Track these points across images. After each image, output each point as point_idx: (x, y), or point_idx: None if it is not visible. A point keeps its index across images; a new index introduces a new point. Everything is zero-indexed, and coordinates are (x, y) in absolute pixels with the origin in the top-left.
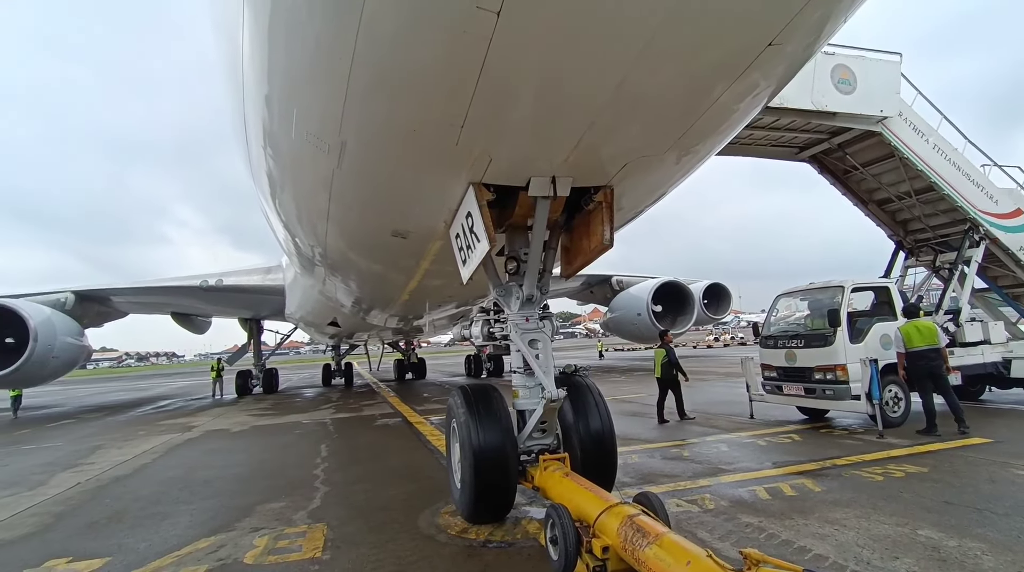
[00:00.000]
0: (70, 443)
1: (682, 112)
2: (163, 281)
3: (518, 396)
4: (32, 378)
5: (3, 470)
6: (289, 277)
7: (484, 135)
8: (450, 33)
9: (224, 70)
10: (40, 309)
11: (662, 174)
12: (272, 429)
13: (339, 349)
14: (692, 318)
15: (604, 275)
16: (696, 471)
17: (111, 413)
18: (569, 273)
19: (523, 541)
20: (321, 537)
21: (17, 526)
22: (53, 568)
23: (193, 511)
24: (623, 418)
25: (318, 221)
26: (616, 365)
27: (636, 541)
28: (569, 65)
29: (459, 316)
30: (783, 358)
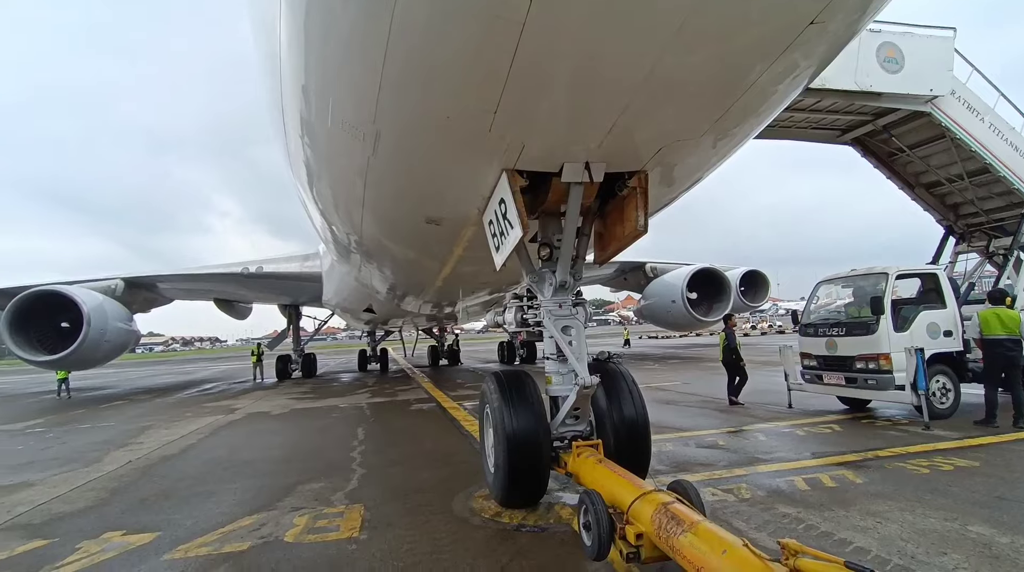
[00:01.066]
0: (122, 423)
1: (719, 95)
2: (206, 268)
3: (551, 382)
4: (86, 361)
5: (63, 447)
6: (326, 264)
7: (517, 121)
8: (483, 18)
9: (263, 62)
10: (93, 295)
11: (698, 158)
12: (311, 412)
13: (374, 335)
14: (728, 306)
15: (638, 262)
16: (732, 460)
17: (159, 395)
18: (602, 259)
19: (556, 526)
20: (358, 517)
21: (76, 500)
22: (109, 539)
23: (236, 490)
24: (657, 406)
25: (353, 209)
26: (650, 353)
27: (670, 529)
28: (602, 48)
29: (492, 303)
30: (823, 347)
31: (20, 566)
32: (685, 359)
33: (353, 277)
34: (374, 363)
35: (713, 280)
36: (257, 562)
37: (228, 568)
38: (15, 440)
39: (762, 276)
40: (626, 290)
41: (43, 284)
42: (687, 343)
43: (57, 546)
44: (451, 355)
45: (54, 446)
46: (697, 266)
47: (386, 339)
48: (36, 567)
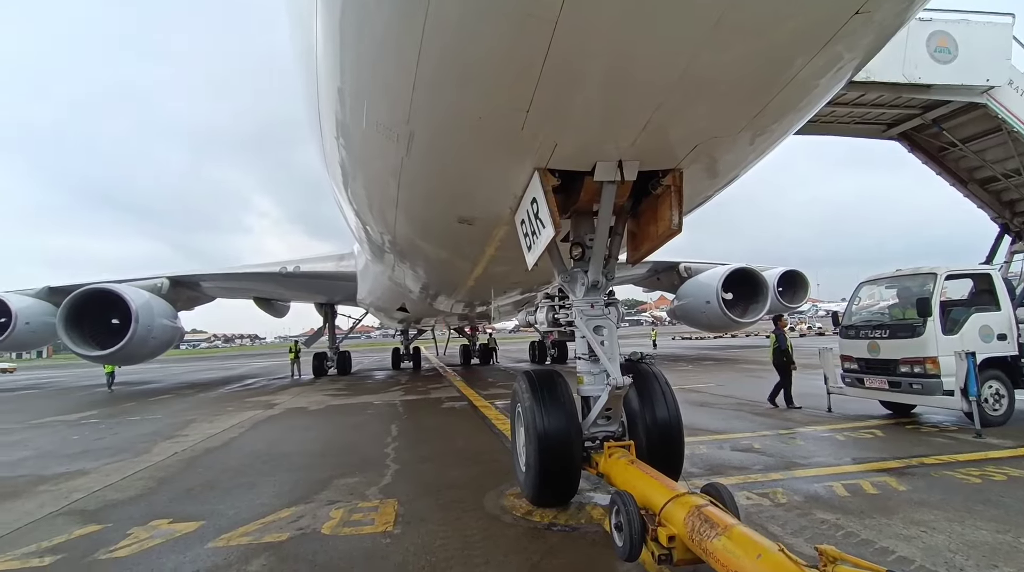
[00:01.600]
0: (168, 416)
1: (757, 90)
2: (246, 267)
3: (583, 382)
4: (134, 356)
5: (115, 437)
6: (360, 264)
7: (549, 120)
8: (515, 17)
9: (300, 66)
10: (140, 293)
11: (734, 156)
12: (346, 408)
13: (407, 334)
14: (765, 307)
15: (671, 261)
16: (768, 464)
17: (203, 390)
18: (635, 259)
19: (587, 526)
20: (392, 512)
21: (127, 488)
22: (157, 527)
23: (275, 482)
24: (691, 408)
25: (387, 209)
26: (683, 354)
27: (704, 532)
28: (636, 44)
29: (524, 302)
30: (865, 349)
31: (77, 549)
32: (720, 361)
33: (387, 276)
34: (407, 361)
35: (749, 280)
36: (295, 553)
37: (268, 558)
38: (71, 430)
39: (801, 276)
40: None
41: (94, 282)
42: (722, 344)
43: (110, 531)
44: (483, 354)
45: (106, 437)
46: (733, 266)
47: (419, 338)
48: (91, 550)
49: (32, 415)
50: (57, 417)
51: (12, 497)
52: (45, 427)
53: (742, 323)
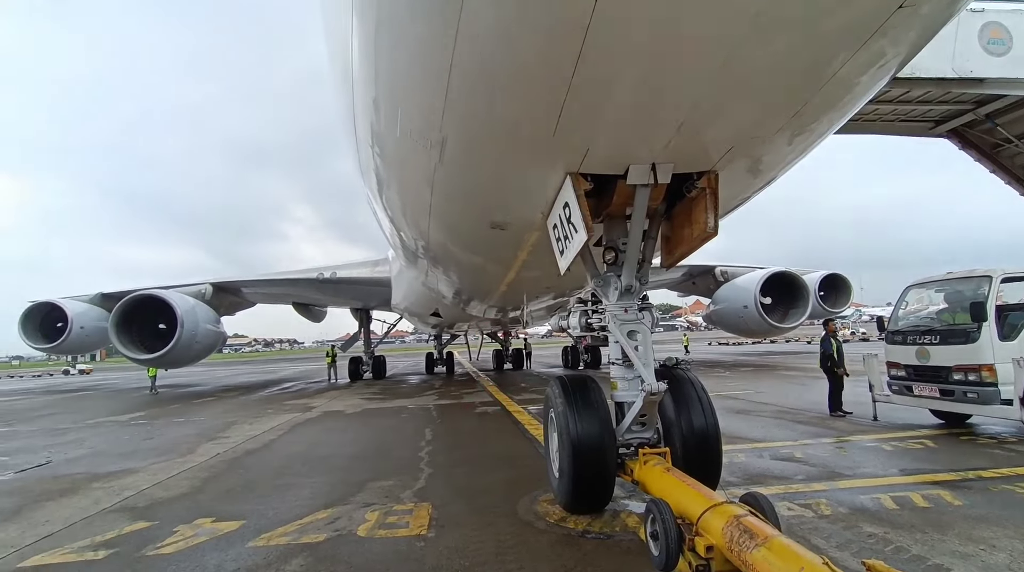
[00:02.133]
0: (211, 418)
1: (795, 89)
2: (285, 273)
3: (616, 388)
4: (180, 359)
5: (161, 438)
6: (395, 270)
7: (581, 124)
8: (546, 23)
9: (336, 77)
10: (185, 299)
11: (772, 157)
12: (381, 412)
13: (441, 339)
14: (806, 311)
15: (707, 265)
16: (810, 474)
17: (244, 393)
18: (670, 263)
19: (622, 534)
20: (426, 516)
21: (173, 487)
22: (201, 525)
23: (313, 484)
24: (728, 415)
25: (421, 215)
26: (720, 359)
27: (743, 542)
28: (670, 44)
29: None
30: (914, 356)
31: (128, 544)
32: (758, 367)
33: (420, 282)
34: (440, 366)
35: (789, 284)
36: (332, 554)
37: (306, 558)
38: (122, 430)
39: (843, 280)
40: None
41: (143, 289)
42: (761, 350)
43: (157, 528)
44: (516, 359)
45: (154, 437)
46: (772, 269)
47: (452, 343)
48: (141, 546)
49: (87, 415)
50: (109, 417)
51: (71, 493)
52: (98, 427)
53: (781, 328)
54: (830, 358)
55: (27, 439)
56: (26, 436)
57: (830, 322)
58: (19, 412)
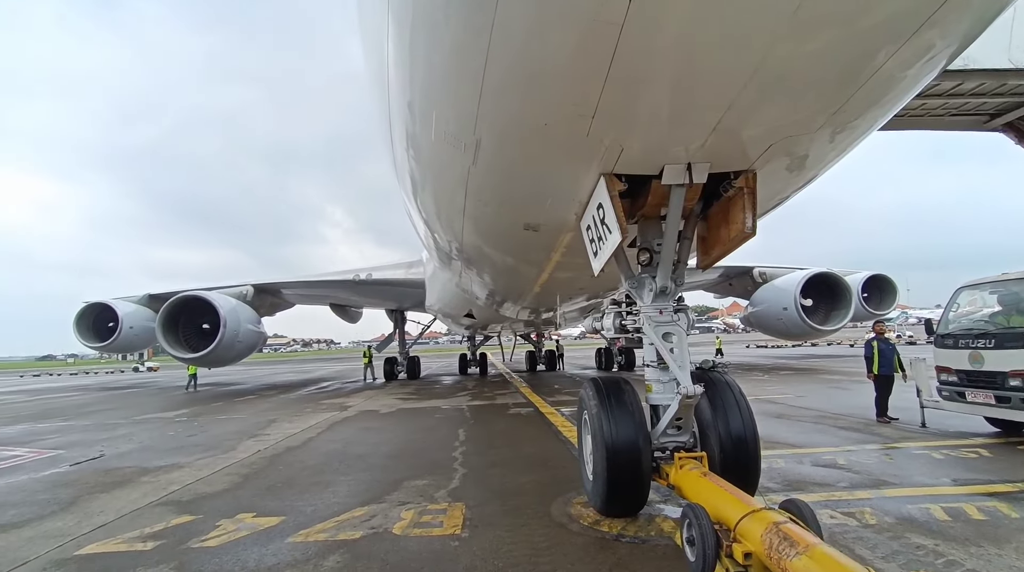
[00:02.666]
0: (252, 416)
1: (838, 84)
2: (322, 275)
3: (651, 390)
4: (222, 359)
5: (204, 435)
6: (429, 271)
7: (615, 124)
8: (580, 22)
9: (372, 81)
10: (228, 300)
11: (813, 155)
12: (416, 412)
13: (474, 340)
14: (848, 314)
15: (745, 266)
16: (854, 481)
17: (283, 391)
18: (706, 264)
19: (657, 538)
20: (460, 516)
21: (215, 482)
22: (242, 520)
23: (350, 482)
24: (766, 419)
25: (455, 217)
26: (758, 362)
27: (783, 550)
28: (706, 41)
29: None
30: (966, 360)
31: (174, 536)
32: (799, 370)
33: (454, 283)
34: (474, 367)
35: (831, 285)
36: (368, 551)
37: (343, 555)
38: (168, 427)
39: (888, 281)
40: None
41: (187, 290)
42: (801, 353)
43: (201, 522)
44: (549, 360)
45: (198, 434)
46: (813, 270)
47: (485, 344)
48: (186, 539)
49: (135, 412)
50: (156, 414)
51: (121, 486)
52: (146, 423)
53: (823, 331)
54: (868, 360)
55: (81, 433)
56: (80, 430)
57: (878, 324)
58: (74, 407)
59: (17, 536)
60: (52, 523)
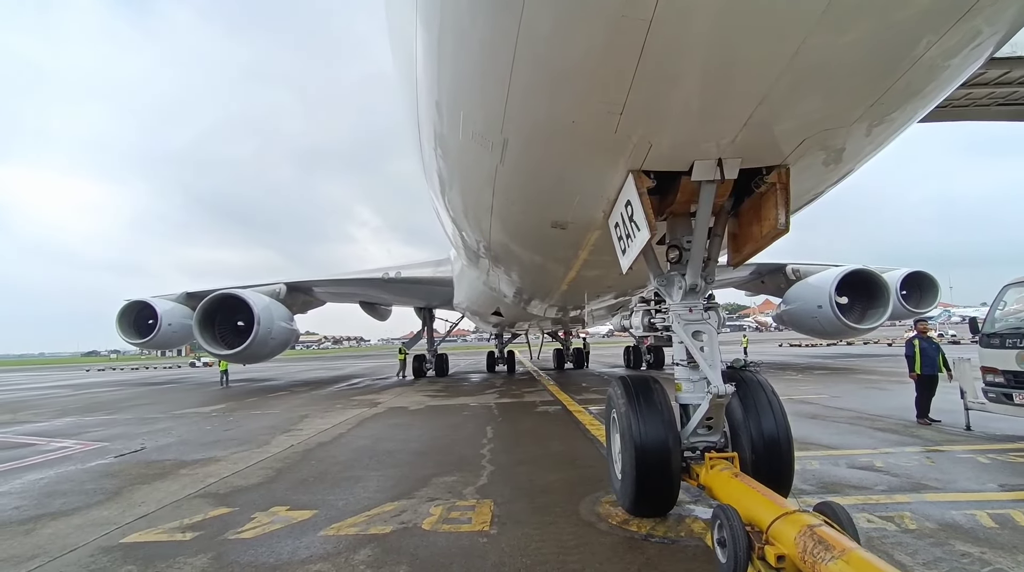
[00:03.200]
0: (285, 411)
1: (875, 75)
2: (352, 274)
3: (681, 389)
4: (256, 355)
5: (240, 429)
6: (457, 269)
7: (643, 120)
8: (607, 20)
9: (400, 82)
10: (261, 298)
11: (849, 148)
12: (444, 409)
13: (502, 338)
14: (886, 312)
15: (777, 263)
16: (892, 484)
17: (315, 388)
18: (737, 261)
19: (687, 539)
20: (488, 512)
21: (250, 476)
22: (276, 513)
23: (379, 477)
24: (800, 420)
25: (482, 215)
26: (792, 362)
27: (817, 554)
28: (737, 33)
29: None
30: (1014, 360)
31: (212, 528)
32: (834, 370)
33: (482, 281)
34: (501, 365)
35: (867, 283)
36: (398, 546)
37: (373, 549)
38: (205, 421)
39: (929, 278)
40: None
41: (223, 288)
42: (836, 352)
43: (237, 514)
44: (576, 358)
45: (233, 429)
46: (848, 267)
47: (513, 342)
48: (223, 530)
49: (173, 407)
50: (193, 409)
51: (161, 478)
52: (184, 418)
53: (858, 329)
54: (910, 359)
55: (124, 427)
56: (123, 424)
57: (921, 322)
58: (116, 402)
59: (67, 523)
60: (98, 512)
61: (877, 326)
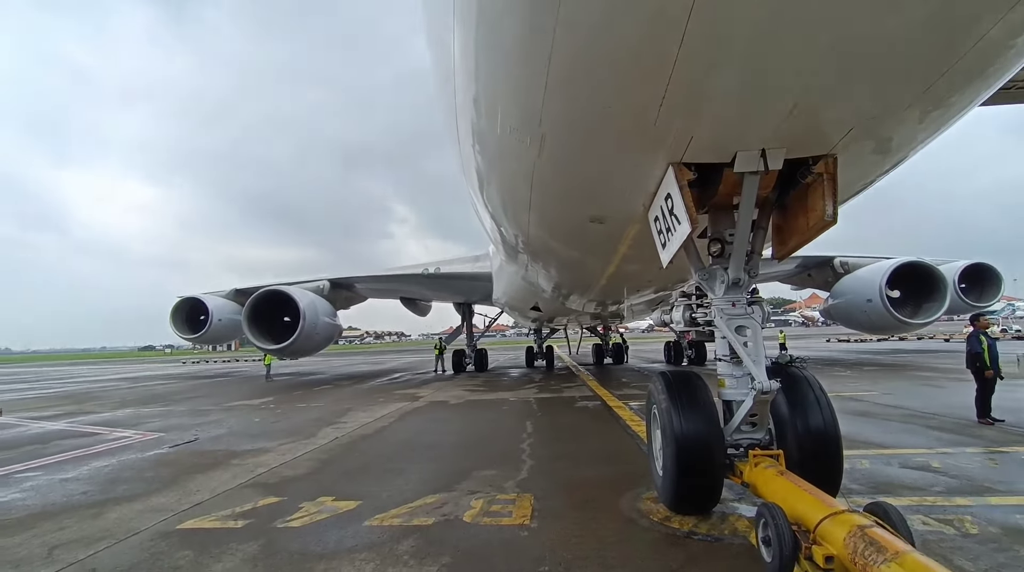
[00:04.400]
0: (329, 404)
1: (932, 57)
2: (393, 270)
3: (724, 385)
4: (302, 350)
5: (287, 421)
6: (495, 265)
7: (684, 112)
8: (646, 7)
9: (438, 79)
10: (306, 294)
11: (902, 136)
12: (483, 404)
13: (540, 333)
14: (943, 306)
15: (824, 256)
16: (951, 486)
17: (358, 382)
18: (782, 254)
19: (731, 537)
20: (528, 506)
21: (298, 467)
22: (323, 503)
23: (421, 470)
24: (849, 417)
25: (520, 211)
26: (840, 357)
27: (869, 555)
28: (782, 18)
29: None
30: None
31: (262, 516)
32: (885, 366)
33: (520, 276)
34: (540, 360)
35: (922, 276)
36: (440, 537)
37: (416, 540)
38: (254, 413)
39: (990, 270)
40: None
41: (269, 284)
42: (887, 348)
43: (285, 504)
44: (616, 354)
45: (281, 421)
46: (901, 259)
47: (551, 337)
48: (272, 519)
49: (224, 399)
50: (243, 401)
51: (214, 467)
52: (234, 410)
53: (912, 324)
54: (979, 358)
55: (179, 418)
56: (178, 416)
57: (981, 317)
58: (171, 394)
59: (130, 508)
60: (157, 499)
61: (932, 321)
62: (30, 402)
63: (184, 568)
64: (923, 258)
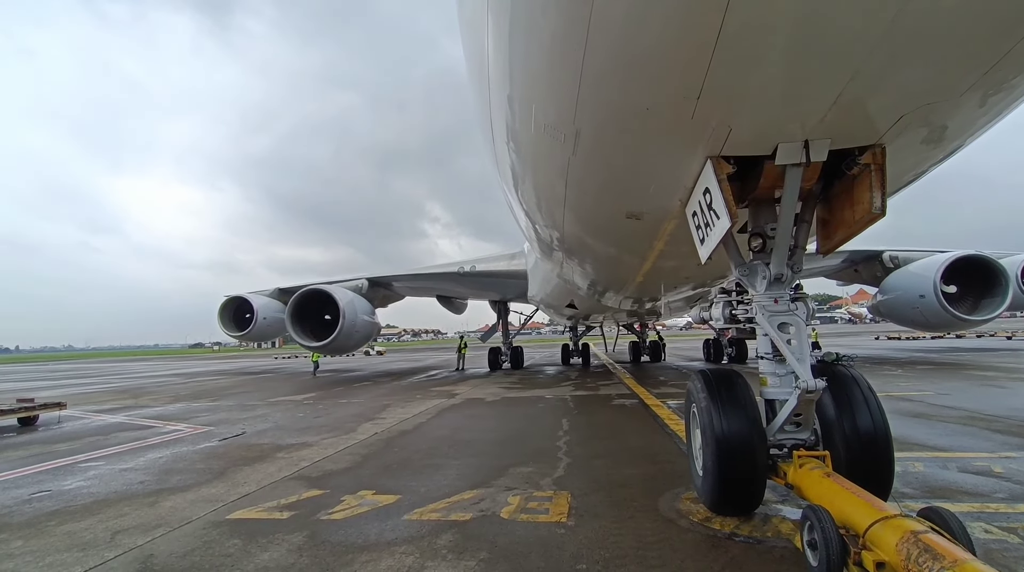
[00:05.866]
0: (368, 400)
1: (991, 37)
2: (429, 268)
3: (766, 384)
4: (342, 347)
5: (328, 417)
6: (530, 262)
7: (722, 103)
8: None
9: (472, 78)
10: (345, 293)
11: (957, 123)
12: (519, 401)
13: (576, 330)
14: (1004, 302)
15: (873, 250)
16: (1015, 493)
17: (395, 378)
18: (827, 249)
19: (774, 540)
20: (566, 504)
21: (339, 461)
22: (363, 496)
23: (459, 466)
24: (900, 418)
25: (556, 208)
26: (890, 356)
27: (924, 563)
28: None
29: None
30: None
31: (306, 507)
32: (939, 365)
33: (556, 274)
34: (576, 357)
35: (981, 270)
36: (478, 533)
37: (454, 535)
38: (297, 409)
39: None
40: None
41: (311, 283)
42: (942, 346)
43: (327, 497)
44: (653, 351)
45: (322, 416)
46: (957, 253)
47: (587, 334)
48: (315, 511)
49: (269, 394)
50: (287, 397)
51: (260, 460)
52: (279, 405)
53: (970, 321)
54: None
55: (226, 413)
56: (226, 410)
57: None
58: (220, 389)
59: (183, 498)
60: (207, 489)
61: (992, 318)
62: (92, 396)
63: (235, 556)
64: (982, 251)
